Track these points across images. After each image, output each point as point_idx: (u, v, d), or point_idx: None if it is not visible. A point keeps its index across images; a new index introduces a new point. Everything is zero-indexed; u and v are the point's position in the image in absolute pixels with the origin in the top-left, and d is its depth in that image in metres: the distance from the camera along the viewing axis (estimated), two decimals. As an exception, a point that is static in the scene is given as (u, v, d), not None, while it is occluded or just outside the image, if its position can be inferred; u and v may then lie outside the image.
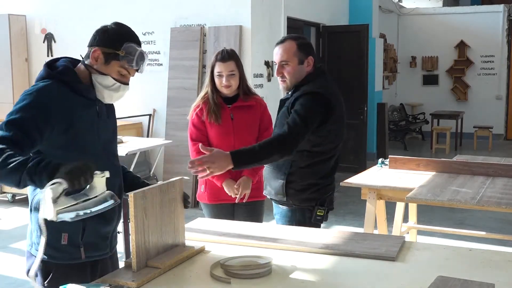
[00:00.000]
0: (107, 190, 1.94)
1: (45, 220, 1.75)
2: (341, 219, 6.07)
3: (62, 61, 2.15)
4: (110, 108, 2.26)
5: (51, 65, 2.12)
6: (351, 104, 8.28)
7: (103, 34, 2.09)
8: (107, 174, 1.85)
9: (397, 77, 12.98)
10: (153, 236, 1.98)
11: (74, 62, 2.18)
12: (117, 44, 2.06)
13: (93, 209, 1.79)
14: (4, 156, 1.77)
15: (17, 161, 1.76)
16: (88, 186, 1.80)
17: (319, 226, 2.82)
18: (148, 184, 2.34)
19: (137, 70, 2.12)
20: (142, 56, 2.10)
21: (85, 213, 1.77)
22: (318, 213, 2.77)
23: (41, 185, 1.73)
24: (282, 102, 2.88)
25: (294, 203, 2.80)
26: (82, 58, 2.15)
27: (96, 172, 1.80)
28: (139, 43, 2.14)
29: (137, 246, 1.90)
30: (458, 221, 6.02)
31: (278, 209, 2.89)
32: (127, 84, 2.15)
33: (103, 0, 7.49)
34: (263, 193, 3.00)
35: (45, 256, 2.07)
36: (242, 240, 2.33)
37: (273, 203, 2.94)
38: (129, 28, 2.16)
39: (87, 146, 2.08)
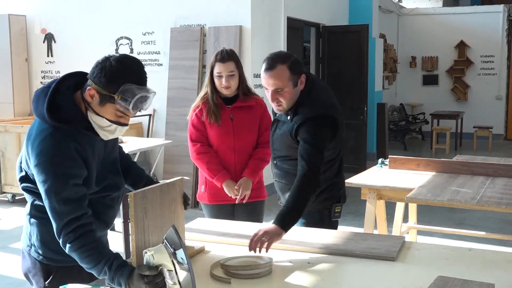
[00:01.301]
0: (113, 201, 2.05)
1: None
2: (341, 219, 5.99)
3: (64, 93, 1.94)
4: None
5: (52, 105, 1.91)
6: (351, 104, 8.30)
7: (100, 72, 1.87)
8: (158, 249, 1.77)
9: (397, 77, 12.98)
10: (153, 236, 1.97)
11: (76, 85, 1.99)
12: (114, 86, 1.85)
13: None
14: (86, 252, 1.87)
15: (100, 265, 1.86)
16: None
17: (337, 223, 2.84)
18: (152, 179, 2.33)
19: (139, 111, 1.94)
20: (142, 99, 1.88)
21: None
22: (336, 210, 2.79)
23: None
24: (276, 121, 2.76)
25: (313, 207, 2.69)
26: (84, 87, 1.95)
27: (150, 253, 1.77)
28: (141, 81, 1.90)
29: (137, 246, 1.90)
30: (458, 221, 6.02)
31: None
32: (126, 125, 1.98)
33: (103, 0, 7.49)
34: (278, 203, 2.89)
35: (46, 259, 2.09)
36: (242, 240, 2.33)
37: None
38: (133, 63, 1.93)
39: (93, 174, 2.03)
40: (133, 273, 1.78)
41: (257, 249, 2.17)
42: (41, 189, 1.92)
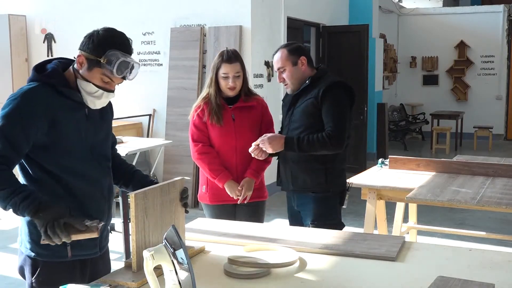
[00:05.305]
0: (97, 194, 2.14)
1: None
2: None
3: (53, 63, 2.13)
4: (105, 109, 2.22)
5: (40, 68, 2.11)
6: (351, 104, 8.28)
7: (89, 40, 2.06)
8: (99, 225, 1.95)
9: (397, 77, 12.98)
10: (153, 236, 1.98)
11: (66, 63, 2.17)
12: (100, 51, 2.02)
13: None
14: None
15: (6, 191, 1.90)
16: None
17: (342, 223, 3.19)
18: (156, 183, 2.33)
19: (124, 78, 2.06)
20: (125, 64, 2.02)
21: None
22: (346, 197, 3.14)
23: (23, 216, 1.97)
24: (292, 105, 3.12)
25: (331, 189, 3.07)
26: (74, 59, 2.13)
27: (87, 220, 1.93)
28: (126, 51, 2.06)
29: (137, 246, 1.90)
30: (458, 221, 6.02)
31: (307, 199, 3.09)
32: (112, 91, 2.11)
33: (103, 0, 7.49)
34: (289, 188, 3.16)
35: (32, 253, 2.09)
36: (242, 240, 2.33)
37: (296, 195, 3.13)
38: (119, 34, 2.09)
39: (71, 148, 2.08)
40: (40, 210, 1.89)
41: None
42: None
